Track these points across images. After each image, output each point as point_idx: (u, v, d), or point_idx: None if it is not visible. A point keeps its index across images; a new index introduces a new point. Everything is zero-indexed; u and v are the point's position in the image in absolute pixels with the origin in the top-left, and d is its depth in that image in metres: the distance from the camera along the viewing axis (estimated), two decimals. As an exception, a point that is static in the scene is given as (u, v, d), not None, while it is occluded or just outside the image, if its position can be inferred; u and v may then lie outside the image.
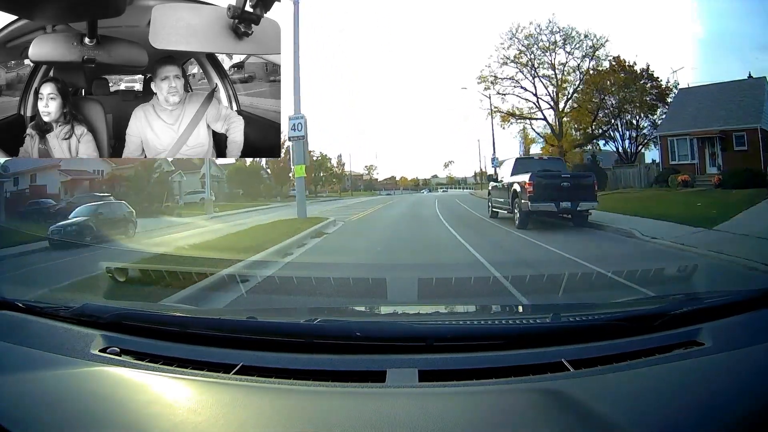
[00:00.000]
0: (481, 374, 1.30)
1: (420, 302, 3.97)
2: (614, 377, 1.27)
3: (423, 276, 4.70)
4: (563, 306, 3.45)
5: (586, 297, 4.19)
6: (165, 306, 2.27)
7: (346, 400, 1.21)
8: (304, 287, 4.73)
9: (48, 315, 1.73)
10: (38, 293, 4.54)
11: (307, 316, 1.76)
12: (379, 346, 1.46)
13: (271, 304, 4.37)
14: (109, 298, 4.04)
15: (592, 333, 1.52)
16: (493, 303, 4.03)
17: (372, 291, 4.42)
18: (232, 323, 1.71)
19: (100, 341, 1.54)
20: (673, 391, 1.20)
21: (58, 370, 1.36)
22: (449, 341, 1.47)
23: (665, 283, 4.33)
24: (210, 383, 1.30)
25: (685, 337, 1.45)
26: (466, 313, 2.52)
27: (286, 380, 1.30)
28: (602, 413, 1.07)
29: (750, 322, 1.53)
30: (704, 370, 1.30)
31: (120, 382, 1.31)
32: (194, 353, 1.45)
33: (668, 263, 5.75)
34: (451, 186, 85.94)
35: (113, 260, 6.83)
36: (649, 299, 2.05)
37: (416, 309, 2.96)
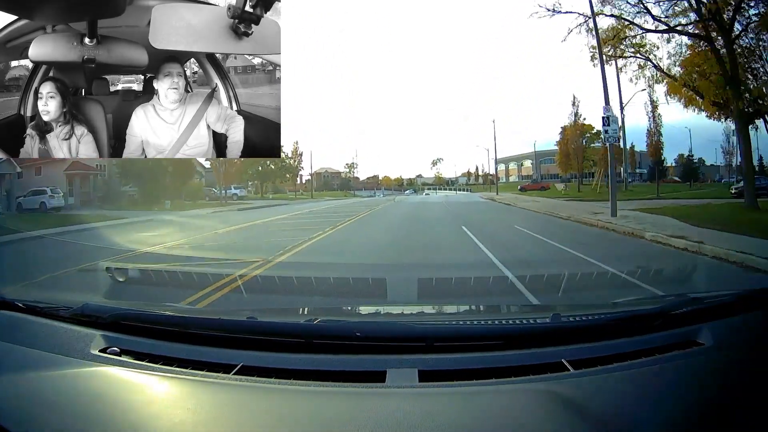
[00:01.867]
0: (481, 374, 1.30)
1: (420, 302, 3.97)
2: (614, 377, 1.27)
3: (423, 276, 4.70)
4: (563, 306, 3.45)
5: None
6: (165, 306, 2.28)
7: (346, 400, 1.21)
8: (304, 287, 4.73)
9: (48, 315, 1.73)
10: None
11: (307, 316, 1.76)
12: (379, 346, 1.46)
13: (271, 304, 4.37)
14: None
15: (592, 333, 1.52)
16: (493, 303, 4.03)
17: (372, 291, 4.42)
18: (232, 323, 1.71)
19: (100, 341, 1.54)
20: (673, 391, 1.20)
21: (58, 370, 1.36)
22: (449, 341, 1.47)
23: (664, 283, 4.33)
24: (210, 383, 1.30)
25: (684, 336, 1.45)
26: (465, 313, 2.52)
27: (286, 380, 1.30)
28: (602, 413, 1.07)
29: (749, 322, 1.53)
30: (704, 369, 1.30)
31: (120, 382, 1.31)
32: (194, 353, 1.45)
33: (668, 263, 5.74)
34: (440, 187, 78.83)
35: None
36: (649, 299, 2.05)
37: (416, 309, 2.96)
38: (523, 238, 10.32)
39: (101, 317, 1.65)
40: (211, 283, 4.98)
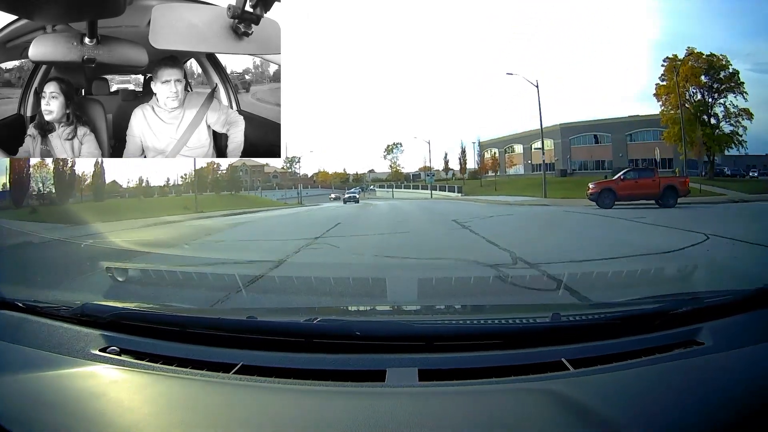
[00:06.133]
0: (481, 374, 1.30)
1: (420, 301, 3.97)
2: (614, 377, 1.27)
3: (423, 276, 4.69)
4: (563, 305, 3.45)
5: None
6: (165, 306, 2.28)
7: (346, 399, 1.21)
8: (304, 287, 4.72)
9: (48, 315, 1.73)
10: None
11: (307, 315, 1.76)
12: (379, 346, 1.46)
13: (271, 303, 4.37)
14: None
15: (591, 332, 1.52)
16: (492, 303, 4.03)
17: (372, 291, 4.42)
18: (232, 323, 1.71)
19: (100, 341, 1.54)
20: (673, 391, 1.21)
21: (58, 370, 1.36)
22: (449, 341, 1.47)
23: (665, 283, 4.32)
24: (210, 383, 1.30)
25: (684, 336, 1.45)
26: (465, 312, 2.52)
27: (286, 380, 1.30)
28: (602, 413, 1.07)
29: (750, 322, 1.53)
30: (704, 369, 1.30)
31: (120, 382, 1.31)
32: (194, 353, 1.45)
33: (668, 263, 5.72)
34: (400, 184, 56.14)
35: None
36: (649, 299, 2.04)
37: (416, 308, 2.95)
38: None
39: (101, 317, 1.65)
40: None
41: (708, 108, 23.30)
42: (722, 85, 23.12)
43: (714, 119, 23.66)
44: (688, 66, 23.11)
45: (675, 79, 22.29)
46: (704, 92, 23.02)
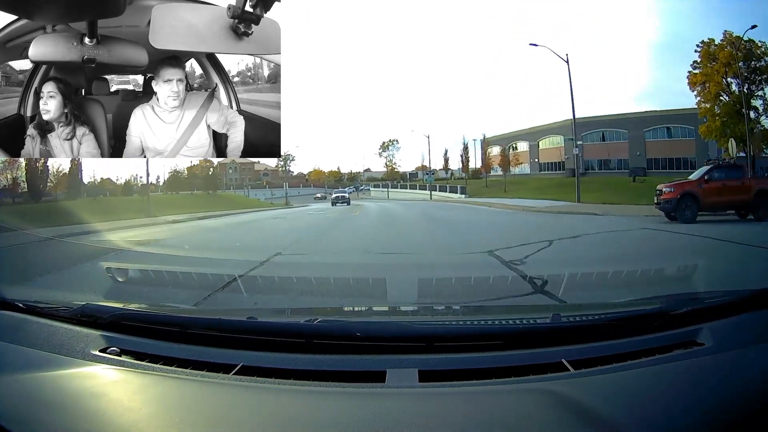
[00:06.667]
0: (481, 374, 1.30)
1: (420, 302, 3.97)
2: (614, 377, 1.27)
3: (423, 276, 4.69)
4: (563, 306, 3.45)
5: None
6: (165, 306, 2.29)
7: (346, 400, 1.21)
8: (304, 287, 4.72)
9: (48, 315, 1.73)
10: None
11: (307, 316, 1.76)
12: (379, 346, 1.46)
13: (271, 304, 4.37)
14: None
15: (592, 333, 1.52)
16: (493, 303, 4.03)
17: (372, 291, 4.42)
18: (232, 323, 1.71)
19: (100, 341, 1.54)
20: (673, 391, 1.20)
21: (58, 370, 1.36)
22: (449, 341, 1.47)
23: (664, 283, 4.31)
24: (210, 383, 1.30)
25: (684, 337, 1.45)
26: (466, 312, 2.51)
27: (286, 380, 1.30)
28: (602, 413, 1.07)
29: (750, 322, 1.53)
30: (704, 370, 1.30)
31: (120, 382, 1.31)
32: (194, 353, 1.45)
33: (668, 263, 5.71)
34: (396, 183, 54.05)
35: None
36: (649, 299, 2.04)
37: (416, 309, 2.95)
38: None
39: (101, 317, 1.65)
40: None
41: (747, 100, 19.45)
42: (762, 76, 20.15)
43: (753, 113, 20.21)
44: (727, 51, 19.74)
45: (714, 65, 18.39)
46: (740, 82, 19.79)
